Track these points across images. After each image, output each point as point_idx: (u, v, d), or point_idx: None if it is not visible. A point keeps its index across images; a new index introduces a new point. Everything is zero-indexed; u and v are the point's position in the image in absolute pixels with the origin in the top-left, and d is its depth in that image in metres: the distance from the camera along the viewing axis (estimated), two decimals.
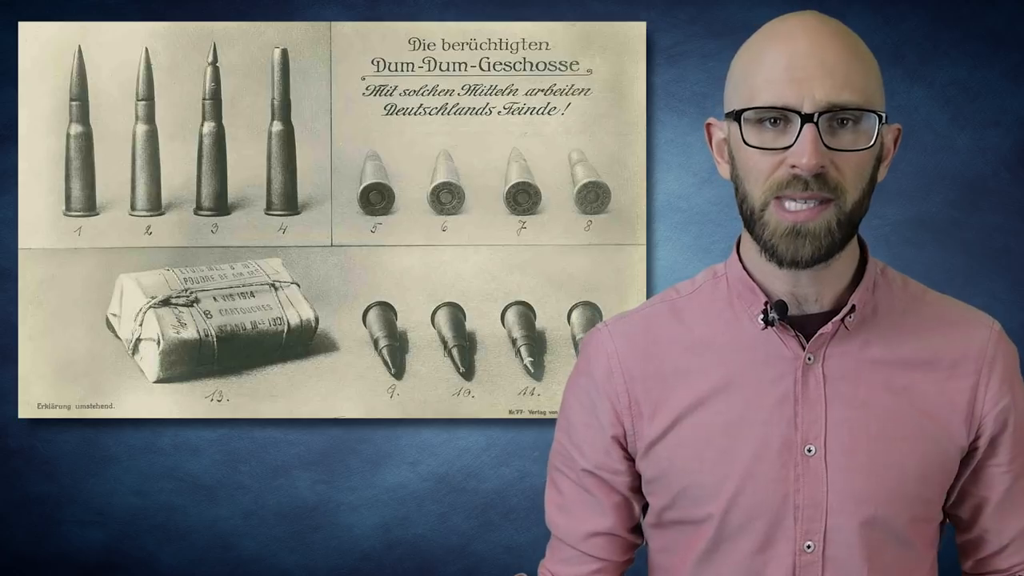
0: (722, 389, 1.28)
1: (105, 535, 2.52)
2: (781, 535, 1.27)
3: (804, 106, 1.17)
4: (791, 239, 1.20)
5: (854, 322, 1.27)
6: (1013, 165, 2.48)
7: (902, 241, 2.48)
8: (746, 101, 1.22)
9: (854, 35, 1.23)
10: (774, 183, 1.20)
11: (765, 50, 1.22)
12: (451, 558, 2.52)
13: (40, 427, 2.49)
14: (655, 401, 1.31)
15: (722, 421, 1.28)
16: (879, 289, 1.30)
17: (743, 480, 1.26)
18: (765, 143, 1.20)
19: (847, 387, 1.27)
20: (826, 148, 1.18)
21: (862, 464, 1.25)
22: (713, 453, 1.28)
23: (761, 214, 1.22)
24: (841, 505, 1.25)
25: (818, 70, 1.18)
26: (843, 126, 1.19)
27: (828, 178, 1.18)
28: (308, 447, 2.51)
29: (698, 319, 1.32)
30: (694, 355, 1.31)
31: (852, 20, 2.47)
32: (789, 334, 1.27)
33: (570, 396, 1.39)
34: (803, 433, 1.26)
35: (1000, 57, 2.47)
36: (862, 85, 1.19)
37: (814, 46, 1.19)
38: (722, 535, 1.29)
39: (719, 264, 1.36)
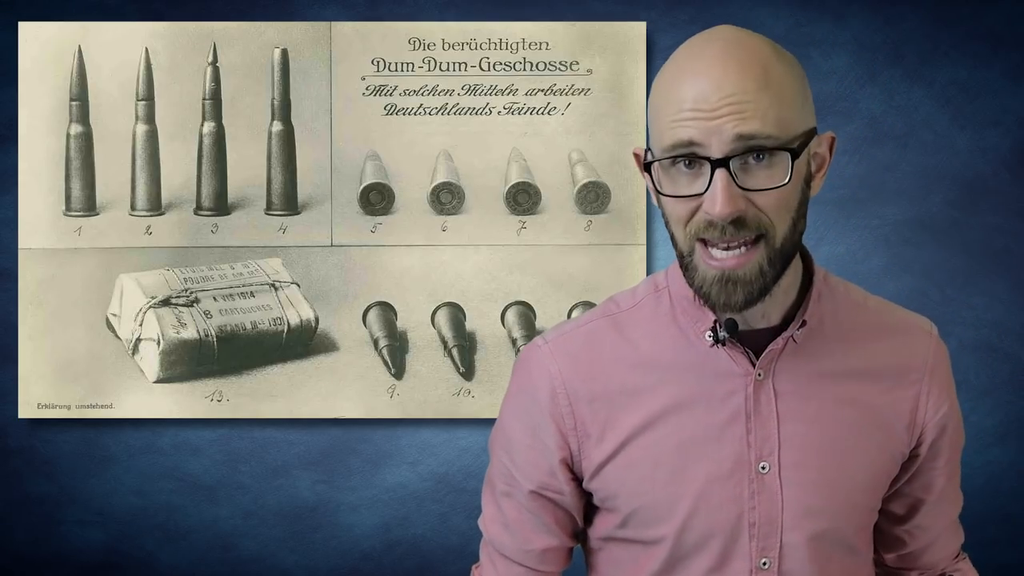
0: (671, 408, 1.25)
1: (105, 535, 2.52)
2: (737, 553, 1.25)
3: (712, 148, 1.11)
4: (721, 287, 1.16)
5: (802, 336, 1.25)
6: (1013, 165, 2.48)
7: (902, 241, 2.48)
8: (656, 143, 1.16)
9: (768, 54, 1.14)
10: (694, 227, 1.15)
11: (672, 89, 1.14)
12: (451, 558, 2.52)
13: (40, 427, 2.49)
14: (603, 422, 1.27)
15: (673, 441, 1.25)
16: (823, 299, 1.28)
17: (697, 501, 1.24)
18: (680, 189, 1.14)
19: (798, 401, 1.25)
20: (741, 190, 1.12)
21: (814, 479, 1.25)
22: (664, 474, 1.25)
23: (690, 259, 1.18)
24: (795, 520, 1.25)
25: (725, 106, 1.11)
26: (759, 160, 1.12)
27: (747, 219, 1.13)
28: (308, 447, 2.51)
29: (642, 335, 1.28)
30: (641, 373, 1.26)
31: (852, 20, 2.48)
32: (738, 351, 1.24)
33: (509, 416, 1.33)
34: (756, 450, 1.24)
35: (1000, 57, 2.47)
36: (775, 115, 1.11)
37: (721, 81, 1.11)
38: (676, 555, 1.27)
39: (659, 274, 1.32)
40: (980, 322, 2.47)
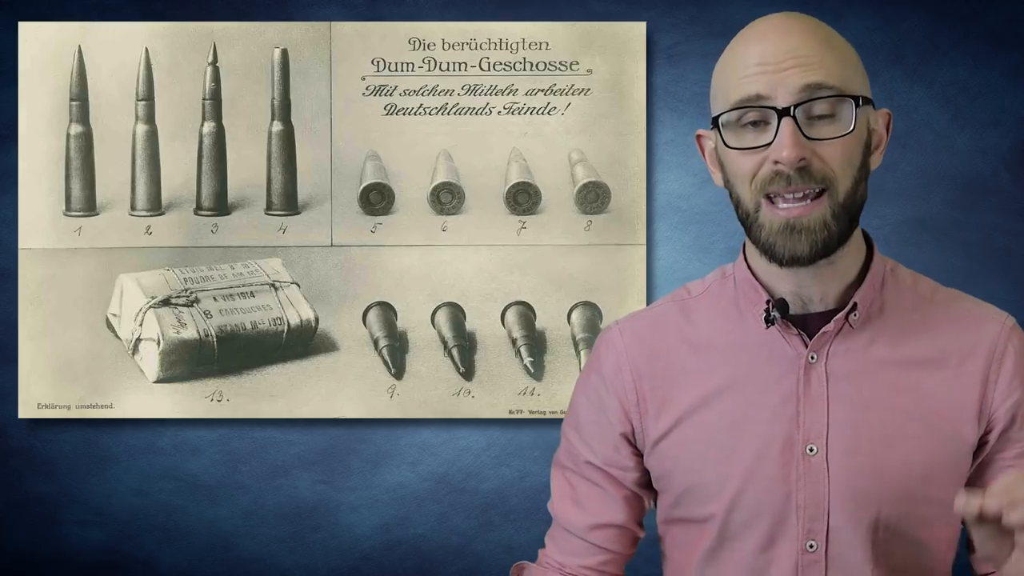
0: (726, 388, 1.29)
1: (105, 535, 2.52)
2: (784, 534, 1.27)
3: (778, 99, 1.18)
4: (787, 236, 1.20)
5: (859, 320, 1.27)
6: (1013, 165, 2.48)
7: (902, 241, 2.48)
8: (723, 105, 1.23)
9: (829, 28, 1.23)
10: (760, 181, 1.20)
11: (737, 52, 1.23)
12: (451, 558, 2.52)
13: (40, 427, 2.49)
14: (661, 399, 1.32)
15: (725, 420, 1.28)
16: (887, 287, 1.30)
17: (745, 480, 1.27)
18: (746, 144, 1.21)
19: (850, 386, 1.26)
20: (806, 139, 1.18)
21: (864, 464, 1.25)
22: (716, 452, 1.28)
23: (756, 216, 1.22)
24: (843, 505, 1.25)
25: (790, 60, 1.18)
26: (821, 119, 1.19)
27: (813, 170, 1.18)
28: (308, 447, 2.51)
29: (705, 319, 1.33)
30: (699, 354, 1.32)
31: (852, 20, 2.47)
32: (792, 333, 1.27)
33: (580, 393, 1.40)
34: (805, 432, 1.26)
35: (1000, 57, 2.47)
36: (836, 70, 1.19)
37: (785, 40, 1.20)
38: (725, 534, 1.29)
39: (728, 264, 1.37)
40: None
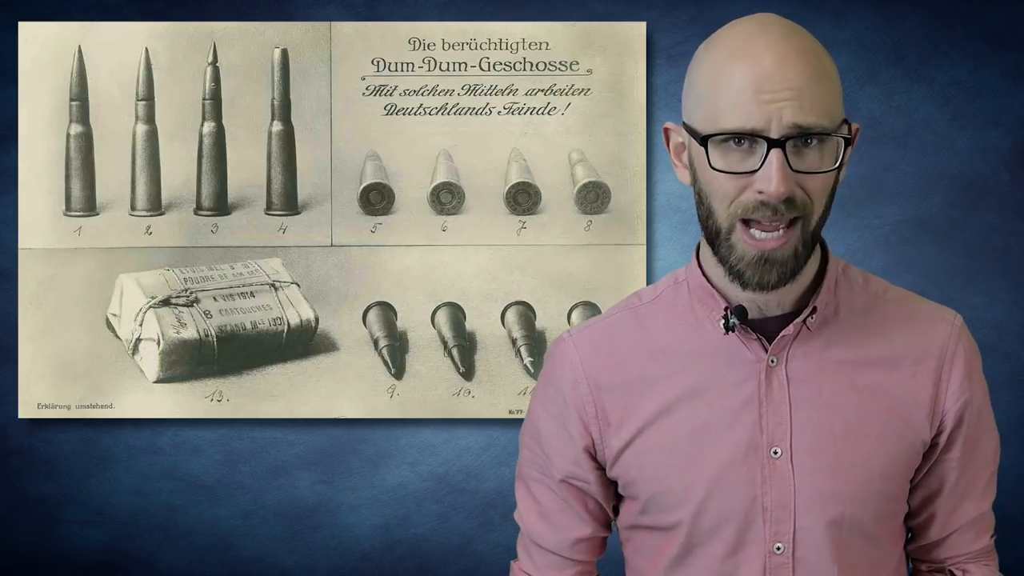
0: (687, 395, 1.28)
1: (105, 535, 2.52)
2: (751, 538, 1.27)
3: (772, 130, 1.15)
4: (758, 266, 1.20)
5: (816, 323, 1.27)
6: (1013, 165, 2.48)
7: (902, 241, 2.48)
8: (711, 122, 1.19)
9: (816, 44, 1.21)
10: (740, 207, 1.18)
11: (730, 68, 1.18)
12: (451, 558, 2.52)
13: (40, 427, 2.49)
14: (622, 410, 1.31)
15: (688, 427, 1.28)
16: (840, 288, 1.30)
17: (711, 485, 1.27)
18: (731, 166, 1.18)
19: (811, 388, 1.27)
20: (792, 172, 1.16)
21: (828, 464, 1.26)
22: (680, 460, 1.28)
23: (728, 237, 1.21)
24: (808, 506, 1.26)
25: (785, 92, 1.15)
26: (808, 146, 1.17)
27: (796, 201, 1.17)
28: (308, 447, 2.51)
29: (661, 326, 1.32)
30: (658, 362, 1.30)
31: (852, 20, 2.48)
32: (751, 337, 1.27)
33: (538, 407, 1.39)
34: (768, 435, 1.26)
35: (1000, 57, 2.47)
36: (828, 106, 1.17)
37: (781, 69, 1.16)
38: (692, 540, 1.29)
39: (680, 269, 1.36)
40: (980, 322, 2.47)
